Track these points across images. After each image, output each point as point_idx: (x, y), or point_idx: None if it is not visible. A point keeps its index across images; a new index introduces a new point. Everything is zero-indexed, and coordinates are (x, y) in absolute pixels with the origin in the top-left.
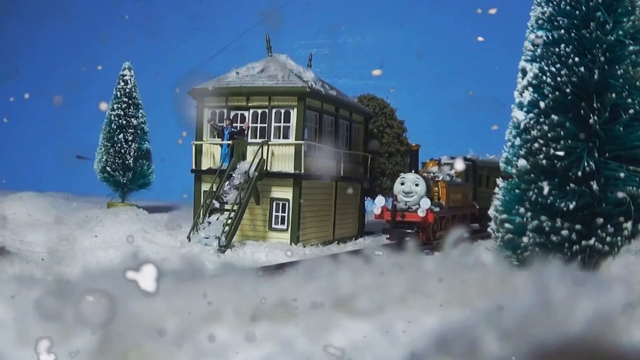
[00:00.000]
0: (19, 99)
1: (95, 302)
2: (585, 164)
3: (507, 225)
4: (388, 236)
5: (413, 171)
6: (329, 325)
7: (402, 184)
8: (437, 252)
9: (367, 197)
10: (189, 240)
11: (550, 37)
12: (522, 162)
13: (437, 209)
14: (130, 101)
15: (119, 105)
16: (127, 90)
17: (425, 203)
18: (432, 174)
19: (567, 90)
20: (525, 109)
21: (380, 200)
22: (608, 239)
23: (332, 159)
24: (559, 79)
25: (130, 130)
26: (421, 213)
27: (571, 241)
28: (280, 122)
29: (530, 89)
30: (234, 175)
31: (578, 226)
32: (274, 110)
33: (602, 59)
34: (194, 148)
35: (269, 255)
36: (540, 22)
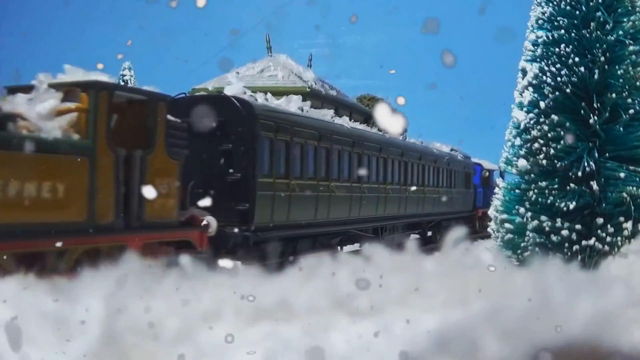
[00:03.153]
0: None
1: None
2: (585, 164)
3: (507, 225)
4: None
5: None
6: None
7: None
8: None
9: None
10: None
11: (550, 37)
12: (522, 162)
13: None
14: None
15: None
16: None
17: None
18: None
19: (567, 90)
20: (525, 109)
21: None
22: (608, 239)
23: None
24: (559, 79)
25: None
26: None
27: (571, 241)
28: None
29: (530, 89)
30: None
31: (578, 226)
32: None
33: (602, 59)
34: None
35: None
36: (540, 22)
